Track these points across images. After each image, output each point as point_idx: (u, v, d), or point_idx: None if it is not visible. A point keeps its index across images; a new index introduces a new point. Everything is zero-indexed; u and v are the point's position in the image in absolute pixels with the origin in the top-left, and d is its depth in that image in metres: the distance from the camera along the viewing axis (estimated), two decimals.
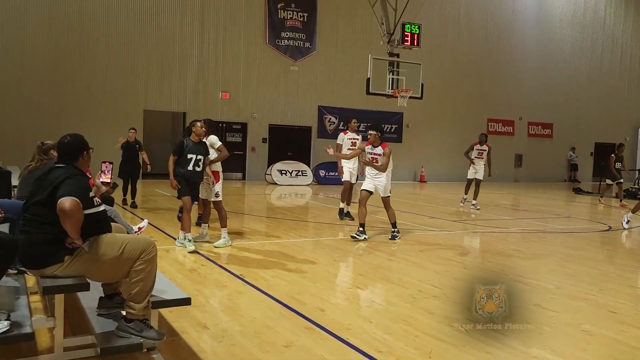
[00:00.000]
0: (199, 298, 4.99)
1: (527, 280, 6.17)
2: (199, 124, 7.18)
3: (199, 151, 7.11)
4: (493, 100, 25.08)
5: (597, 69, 27.91)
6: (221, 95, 19.71)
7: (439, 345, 4.09)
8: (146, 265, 3.49)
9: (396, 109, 20.66)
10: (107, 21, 17.99)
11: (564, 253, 8.33)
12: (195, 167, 7.04)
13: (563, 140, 27.09)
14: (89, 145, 3.80)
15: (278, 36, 20.39)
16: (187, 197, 7.14)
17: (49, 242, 3.42)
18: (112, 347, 3.41)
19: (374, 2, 15.80)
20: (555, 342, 4.22)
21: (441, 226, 10.34)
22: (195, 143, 7.12)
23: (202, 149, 7.16)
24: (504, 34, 25.28)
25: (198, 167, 7.06)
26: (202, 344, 3.96)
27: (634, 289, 6.01)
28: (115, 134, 17.42)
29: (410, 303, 5.14)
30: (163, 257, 6.53)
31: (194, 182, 7.19)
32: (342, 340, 4.10)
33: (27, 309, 3.40)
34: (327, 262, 6.87)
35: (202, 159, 7.10)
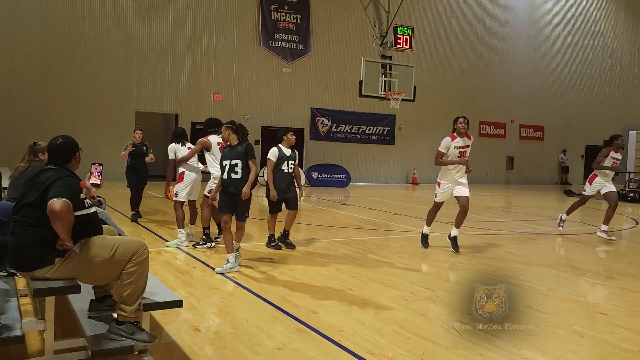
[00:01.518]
0: (190, 300, 4.98)
1: (519, 282, 6.19)
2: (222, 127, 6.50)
3: (234, 155, 6.27)
4: (485, 103, 25.20)
5: (587, 72, 28.12)
6: (213, 97, 19.68)
7: (431, 347, 4.10)
8: (138, 267, 3.48)
9: (388, 111, 20.72)
10: (98, 23, 17.92)
11: (556, 255, 8.38)
12: (231, 174, 6.23)
13: (554, 142, 27.25)
14: (79, 147, 3.79)
15: (272, 38, 20.39)
16: (227, 215, 6.29)
17: (40, 244, 3.40)
18: (103, 350, 3.39)
19: (366, 4, 15.85)
20: (547, 344, 4.24)
21: (433, 228, 10.35)
22: (230, 147, 6.35)
23: (237, 152, 6.31)
24: (495, 37, 25.42)
25: (235, 174, 6.21)
26: (194, 347, 3.94)
27: (624, 291, 6.05)
28: (106, 136, 17.48)
29: (402, 305, 5.15)
30: (154, 259, 6.50)
31: (230, 192, 6.28)
32: (335, 343, 4.10)
33: (17, 312, 3.38)
34: (320, 264, 6.86)
35: (239, 164, 6.26)
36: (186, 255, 7.07)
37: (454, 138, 7.82)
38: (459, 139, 7.83)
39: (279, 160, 7.61)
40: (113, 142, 16.73)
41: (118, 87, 18.23)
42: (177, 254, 7.19)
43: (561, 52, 27.36)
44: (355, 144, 22.01)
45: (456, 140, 7.80)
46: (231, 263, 6.21)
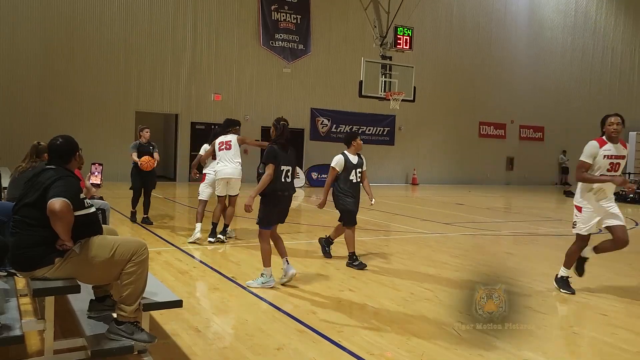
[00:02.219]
0: (190, 300, 4.97)
1: (519, 283, 6.19)
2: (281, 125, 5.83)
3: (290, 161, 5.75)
4: (485, 104, 25.21)
5: (587, 72, 28.13)
6: (213, 97, 19.68)
7: (430, 347, 4.10)
8: (137, 267, 3.48)
9: (388, 112, 20.72)
10: (99, 22, 17.92)
11: (555, 256, 8.35)
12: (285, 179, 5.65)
13: (554, 143, 27.26)
14: (79, 146, 3.79)
15: (272, 38, 20.39)
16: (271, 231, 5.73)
17: (40, 244, 3.40)
18: (103, 350, 3.39)
19: (366, 5, 15.85)
20: (546, 345, 4.24)
21: (433, 229, 10.36)
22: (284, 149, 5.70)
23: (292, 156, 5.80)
24: (495, 38, 25.43)
25: (288, 179, 5.70)
26: (194, 347, 3.94)
27: (624, 292, 6.05)
28: (106, 136, 17.48)
29: (402, 306, 5.15)
30: (154, 259, 6.50)
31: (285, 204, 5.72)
32: (334, 343, 4.10)
33: (16, 312, 3.37)
34: (320, 265, 6.86)
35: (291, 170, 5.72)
36: (186, 256, 7.07)
37: (603, 144, 5.74)
38: (611, 146, 5.73)
39: (347, 169, 6.72)
40: (113, 142, 16.76)
41: (118, 86, 18.23)
42: (177, 254, 7.19)
43: (561, 52, 27.37)
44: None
45: (606, 146, 5.72)
46: (266, 277, 5.59)
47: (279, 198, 5.57)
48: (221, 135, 8.16)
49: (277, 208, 5.62)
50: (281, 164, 5.54)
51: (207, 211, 8.48)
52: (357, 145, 6.81)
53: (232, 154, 8.02)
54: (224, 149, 8.03)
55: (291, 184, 5.69)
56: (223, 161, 8.01)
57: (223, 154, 8.03)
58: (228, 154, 8.01)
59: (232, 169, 8.01)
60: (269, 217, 5.61)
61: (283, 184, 5.57)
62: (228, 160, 8.00)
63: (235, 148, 8.04)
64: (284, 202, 5.65)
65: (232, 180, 8.09)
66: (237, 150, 8.04)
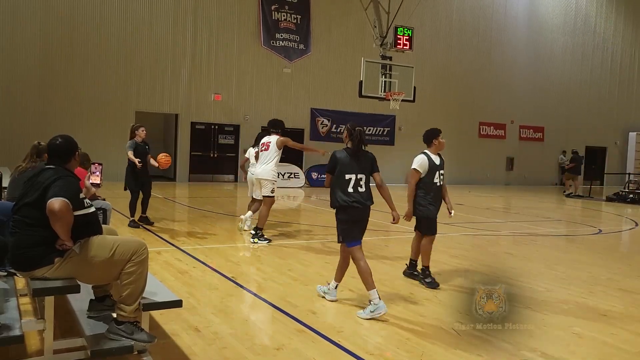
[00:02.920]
0: (190, 300, 4.97)
1: (518, 283, 6.19)
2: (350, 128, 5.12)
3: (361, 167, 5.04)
4: (485, 104, 25.20)
5: (587, 73, 28.14)
6: (213, 97, 19.68)
7: (430, 348, 4.10)
8: (137, 267, 3.48)
9: (388, 112, 20.72)
10: (99, 22, 17.93)
11: (555, 256, 8.38)
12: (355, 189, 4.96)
13: (554, 143, 27.26)
14: (78, 146, 3.80)
15: (273, 37, 20.38)
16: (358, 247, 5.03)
17: (39, 243, 3.40)
18: (103, 350, 3.39)
19: (366, 5, 15.85)
20: (546, 345, 4.24)
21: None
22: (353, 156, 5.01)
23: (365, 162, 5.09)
24: (495, 38, 25.43)
25: (361, 188, 4.99)
26: (194, 347, 3.94)
27: (623, 292, 6.05)
28: (106, 136, 17.47)
29: (401, 306, 5.15)
30: (154, 259, 6.50)
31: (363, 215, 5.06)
32: (334, 343, 4.10)
33: (16, 312, 3.37)
34: (319, 265, 6.86)
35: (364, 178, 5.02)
36: (186, 256, 7.07)
37: None
38: None
39: (430, 171, 5.95)
40: (113, 142, 16.74)
41: (118, 86, 18.23)
42: (177, 254, 7.19)
43: (561, 53, 27.37)
44: None
45: None
46: (374, 303, 4.74)
47: (352, 210, 4.92)
48: (265, 137, 8.41)
49: (352, 221, 4.96)
50: (344, 173, 4.92)
51: None
52: (439, 144, 6.03)
53: (265, 155, 8.22)
54: (263, 150, 8.28)
55: (363, 194, 4.95)
56: (257, 162, 8.34)
57: (260, 155, 8.30)
58: (263, 154, 8.26)
59: (261, 169, 8.22)
60: (351, 232, 4.95)
61: (350, 194, 4.91)
62: (261, 161, 8.27)
63: (272, 149, 8.19)
64: (360, 213, 4.98)
65: (260, 181, 8.28)
66: (273, 152, 8.19)
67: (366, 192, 5.00)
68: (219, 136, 20.11)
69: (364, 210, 5.00)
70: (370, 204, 5.03)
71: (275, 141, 8.20)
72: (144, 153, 8.99)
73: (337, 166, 4.94)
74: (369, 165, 5.07)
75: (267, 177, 8.16)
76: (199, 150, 19.84)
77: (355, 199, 4.92)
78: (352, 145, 5.00)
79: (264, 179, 8.19)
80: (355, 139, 4.98)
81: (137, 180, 9.01)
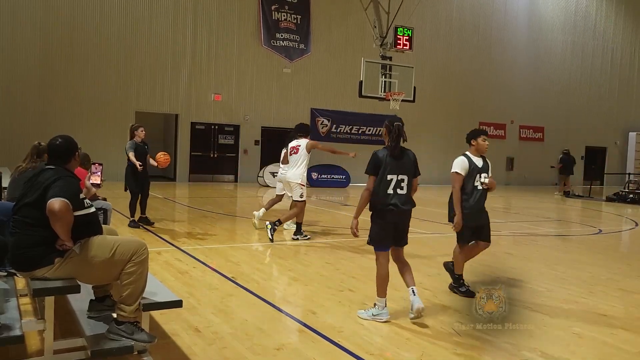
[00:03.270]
0: (190, 300, 4.98)
1: (518, 283, 6.19)
2: None
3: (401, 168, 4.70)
4: (485, 104, 25.21)
5: (587, 73, 28.14)
6: (213, 97, 19.68)
7: (430, 348, 4.10)
8: (137, 267, 3.48)
9: (388, 112, 20.57)
10: (99, 22, 17.93)
11: (555, 256, 8.38)
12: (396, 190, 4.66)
13: (554, 143, 27.24)
14: (78, 146, 3.80)
15: (273, 37, 20.36)
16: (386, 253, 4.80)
17: (39, 244, 3.40)
18: (103, 350, 3.39)
19: (366, 5, 15.84)
20: (546, 345, 4.24)
21: (433, 229, 10.37)
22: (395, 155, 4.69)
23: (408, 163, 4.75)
24: (495, 38, 25.43)
25: (401, 190, 4.68)
26: (194, 347, 3.94)
27: (623, 292, 6.05)
28: (106, 136, 17.47)
29: (401, 306, 5.14)
30: (154, 259, 6.50)
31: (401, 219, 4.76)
32: (334, 343, 4.10)
33: (16, 312, 3.38)
34: (319, 265, 6.86)
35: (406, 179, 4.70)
36: (186, 256, 7.07)
37: None
38: None
39: (470, 173, 5.55)
40: (113, 142, 16.75)
41: (118, 86, 18.23)
42: (177, 254, 7.19)
43: (561, 52, 27.37)
44: (355, 144, 21.96)
45: None
46: (378, 308, 4.67)
47: (387, 213, 4.62)
48: (294, 140, 8.61)
49: (388, 225, 4.67)
50: (386, 174, 4.61)
51: None
52: (477, 146, 5.60)
53: (295, 159, 8.45)
54: (293, 153, 8.50)
55: (402, 197, 4.63)
56: (288, 165, 8.55)
57: (290, 158, 8.52)
58: (293, 158, 8.48)
59: (291, 173, 8.45)
60: (380, 236, 4.71)
61: (390, 196, 4.60)
62: (291, 164, 8.48)
63: (301, 153, 8.42)
64: (395, 217, 4.66)
65: (290, 184, 8.51)
66: (303, 156, 8.43)
67: (406, 194, 4.67)
68: (219, 136, 20.12)
69: (401, 214, 4.68)
70: (410, 208, 4.72)
71: (305, 145, 8.43)
72: (144, 153, 8.99)
73: (380, 166, 4.62)
74: (412, 167, 4.74)
75: (297, 181, 8.42)
76: (199, 150, 19.85)
77: (393, 202, 4.61)
78: (391, 141, 4.70)
79: (293, 182, 8.44)
80: (394, 134, 4.68)
81: (138, 181, 9.01)
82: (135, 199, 9.12)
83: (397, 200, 4.61)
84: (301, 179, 8.41)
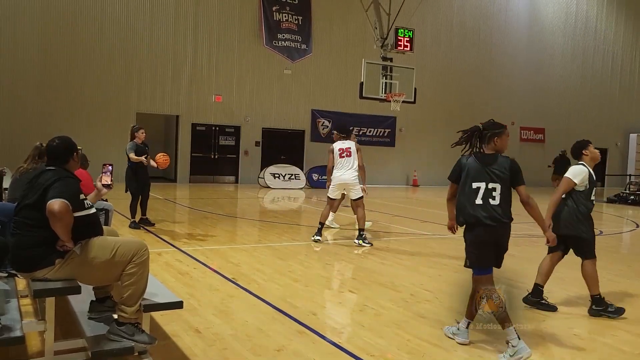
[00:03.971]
0: (190, 301, 4.98)
1: (519, 284, 6.19)
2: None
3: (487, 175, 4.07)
4: (485, 105, 25.17)
5: (588, 74, 28.13)
6: (214, 99, 19.69)
7: (431, 349, 4.10)
8: (138, 268, 3.48)
9: (389, 113, 20.72)
10: (100, 24, 17.95)
11: None
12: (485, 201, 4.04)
13: (555, 145, 27.18)
14: (77, 147, 3.80)
15: (275, 38, 20.36)
16: (488, 276, 4.15)
17: (40, 245, 3.40)
18: (103, 351, 3.39)
19: (367, 6, 15.85)
20: (546, 347, 4.24)
21: (434, 230, 10.36)
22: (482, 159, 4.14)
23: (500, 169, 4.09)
24: (496, 39, 25.43)
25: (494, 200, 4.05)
26: (194, 348, 3.94)
27: (624, 294, 6.05)
28: (107, 137, 17.48)
29: (402, 307, 5.15)
30: (155, 260, 6.51)
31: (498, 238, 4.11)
32: (334, 344, 4.10)
33: (17, 313, 3.37)
34: (320, 266, 6.86)
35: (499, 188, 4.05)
36: (186, 257, 7.07)
37: None
38: None
39: (590, 185, 5.13)
40: (114, 143, 16.75)
41: (119, 88, 18.24)
42: (178, 255, 7.19)
43: (561, 54, 27.37)
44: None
45: None
46: (513, 347, 3.88)
47: (476, 228, 4.04)
48: (337, 142, 8.57)
49: (480, 242, 4.06)
50: (471, 181, 4.07)
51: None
52: (591, 155, 5.17)
53: (349, 161, 8.45)
54: (345, 156, 8.45)
55: (497, 208, 3.99)
56: (343, 167, 8.46)
57: (343, 161, 8.46)
58: (347, 160, 8.46)
59: (349, 175, 8.42)
60: (477, 256, 4.09)
61: (477, 207, 4.01)
62: (345, 166, 8.44)
63: (354, 154, 8.48)
64: (486, 234, 4.02)
65: (348, 185, 8.47)
66: (355, 157, 8.49)
67: (501, 205, 4.01)
68: (219, 137, 20.12)
69: (497, 230, 4.03)
70: (507, 221, 4.07)
71: (354, 146, 8.55)
72: (144, 154, 9.01)
73: (462, 172, 4.11)
74: (507, 172, 4.06)
75: (356, 181, 8.51)
76: (200, 151, 19.86)
77: (484, 215, 3.99)
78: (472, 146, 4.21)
79: (353, 183, 8.47)
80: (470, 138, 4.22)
81: (138, 182, 9.05)
82: (136, 201, 9.14)
83: (490, 212, 4.00)
84: (357, 179, 8.53)
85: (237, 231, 9.79)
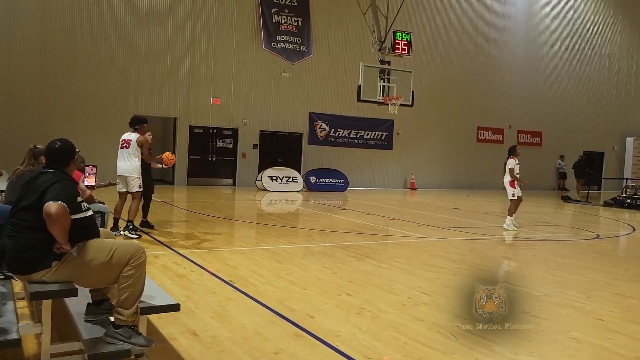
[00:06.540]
0: (188, 304, 4.97)
1: (516, 288, 6.19)
2: None
3: None
4: (483, 109, 25.25)
5: (585, 78, 28.22)
6: (212, 101, 19.69)
7: (428, 352, 4.10)
8: (135, 270, 3.47)
9: (387, 116, 20.75)
10: (98, 26, 17.93)
11: (553, 261, 8.38)
12: None
13: (552, 148, 27.31)
14: (76, 150, 3.80)
15: (274, 40, 20.36)
16: None
17: (37, 247, 3.39)
18: (100, 354, 3.37)
19: (365, 9, 15.88)
20: (543, 350, 4.24)
21: (431, 233, 10.37)
22: None
23: None
24: (493, 43, 25.49)
25: None
26: (191, 351, 3.94)
27: (621, 297, 6.06)
28: (105, 138, 17.43)
29: (399, 310, 5.15)
30: (152, 262, 6.50)
31: None
32: (332, 347, 4.09)
33: (13, 315, 3.36)
34: (317, 269, 6.86)
35: None
36: (183, 259, 7.06)
37: None
38: None
39: None
40: (111, 145, 16.68)
41: (116, 90, 18.21)
42: (175, 257, 7.18)
43: (559, 58, 27.45)
44: (353, 148, 22.04)
45: None
46: None
47: None
48: None
49: None
50: None
51: None
52: None
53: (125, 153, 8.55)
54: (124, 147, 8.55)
55: None
56: None
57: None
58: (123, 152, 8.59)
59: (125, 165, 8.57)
60: None
61: None
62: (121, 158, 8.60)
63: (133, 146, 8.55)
64: None
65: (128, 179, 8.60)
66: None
67: None
68: (217, 140, 20.11)
69: None
70: None
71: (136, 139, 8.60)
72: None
73: None
74: None
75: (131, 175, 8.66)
76: (198, 153, 19.84)
77: None
78: None
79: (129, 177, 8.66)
80: None
81: (143, 183, 8.93)
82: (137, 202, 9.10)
83: None
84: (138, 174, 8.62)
85: (234, 234, 9.78)
